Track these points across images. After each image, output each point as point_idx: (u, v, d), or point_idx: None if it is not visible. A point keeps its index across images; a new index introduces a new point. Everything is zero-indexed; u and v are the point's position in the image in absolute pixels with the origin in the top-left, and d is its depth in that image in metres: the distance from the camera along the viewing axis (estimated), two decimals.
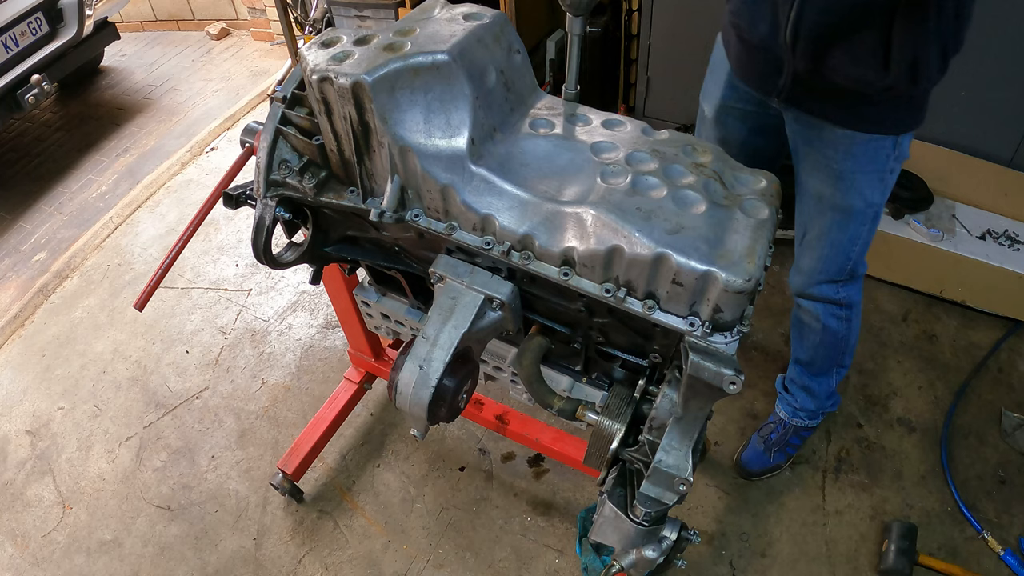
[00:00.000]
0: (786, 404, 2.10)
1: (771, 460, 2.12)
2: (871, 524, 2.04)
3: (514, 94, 1.06)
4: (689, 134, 1.07)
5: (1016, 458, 2.15)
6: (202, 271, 3.13)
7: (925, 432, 2.24)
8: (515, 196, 0.96)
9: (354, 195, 1.09)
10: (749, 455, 2.15)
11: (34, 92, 3.57)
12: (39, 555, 2.21)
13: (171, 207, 3.56)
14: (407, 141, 0.96)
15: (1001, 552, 1.93)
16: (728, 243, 0.87)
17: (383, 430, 2.40)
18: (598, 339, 1.16)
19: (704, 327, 0.89)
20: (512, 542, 2.08)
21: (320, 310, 2.87)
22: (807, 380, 2.02)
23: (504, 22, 1.03)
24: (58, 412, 2.63)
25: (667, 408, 1.02)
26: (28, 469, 2.46)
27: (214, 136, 4.03)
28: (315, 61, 0.97)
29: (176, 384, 2.66)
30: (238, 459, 2.38)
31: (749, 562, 1.99)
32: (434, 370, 0.99)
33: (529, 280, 1.03)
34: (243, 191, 1.27)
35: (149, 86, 4.65)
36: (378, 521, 2.16)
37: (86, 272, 3.25)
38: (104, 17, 4.12)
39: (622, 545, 1.13)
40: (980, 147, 2.58)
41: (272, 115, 1.10)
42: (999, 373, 2.38)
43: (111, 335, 2.90)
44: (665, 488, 1.02)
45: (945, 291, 2.57)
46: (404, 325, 1.52)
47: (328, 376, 2.60)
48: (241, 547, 2.15)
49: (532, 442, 2.00)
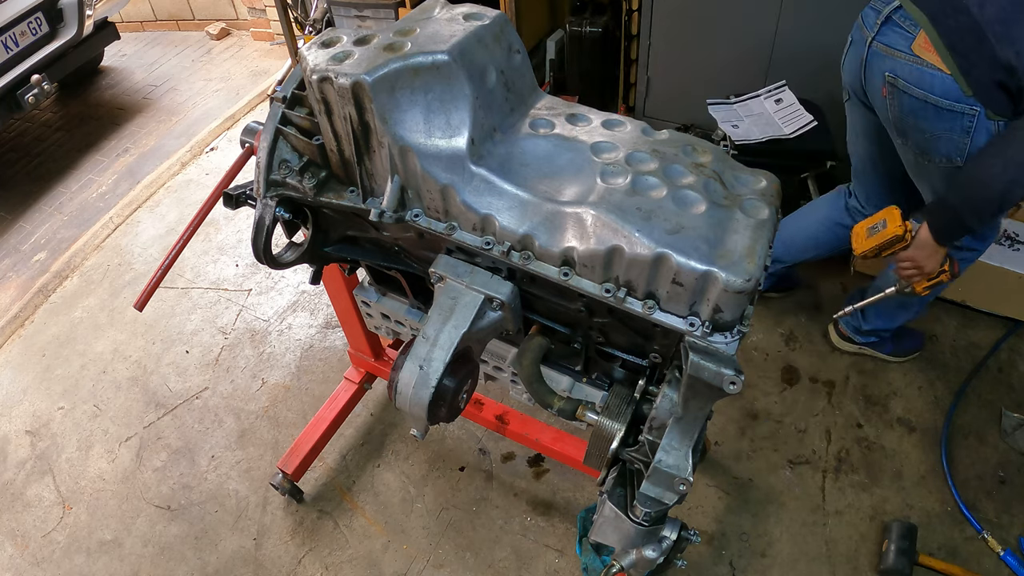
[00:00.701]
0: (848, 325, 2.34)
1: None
2: (871, 524, 2.04)
3: (514, 94, 1.06)
4: (689, 134, 1.07)
5: (1016, 458, 2.15)
6: (202, 271, 3.13)
7: (925, 432, 2.24)
8: (515, 196, 0.96)
9: (354, 195, 1.09)
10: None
11: (34, 92, 3.57)
12: (39, 555, 2.21)
13: (171, 207, 3.56)
14: (407, 141, 0.96)
15: (1001, 552, 1.93)
16: (728, 243, 0.87)
17: (383, 430, 2.40)
18: (598, 339, 1.16)
19: (704, 327, 0.89)
20: (512, 542, 2.08)
21: (320, 310, 2.87)
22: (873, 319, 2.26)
23: (504, 22, 1.03)
24: (58, 412, 2.63)
25: (667, 408, 1.02)
26: (28, 469, 2.46)
27: (214, 136, 4.03)
28: (315, 61, 0.97)
29: (176, 384, 2.66)
30: (238, 459, 2.38)
31: (749, 562, 1.99)
32: (434, 370, 0.99)
33: (529, 280, 1.03)
34: (243, 191, 1.26)
35: (149, 86, 4.65)
36: (378, 521, 2.16)
37: (86, 272, 3.25)
38: (104, 17, 4.11)
39: (622, 545, 1.13)
40: None
41: (272, 115, 1.10)
42: (999, 373, 2.38)
43: (111, 335, 2.90)
44: (665, 488, 1.02)
45: (945, 291, 2.57)
46: (404, 325, 1.52)
47: (328, 376, 2.60)
48: (241, 547, 2.15)
49: (532, 442, 2.00)
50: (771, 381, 2.41)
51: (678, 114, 2.99)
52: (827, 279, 2.71)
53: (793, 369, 2.45)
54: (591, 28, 3.10)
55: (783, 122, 2.50)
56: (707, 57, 2.82)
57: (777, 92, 2.58)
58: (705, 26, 2.76)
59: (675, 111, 3.03)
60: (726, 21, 2.68)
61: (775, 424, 2.30)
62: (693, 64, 2.88)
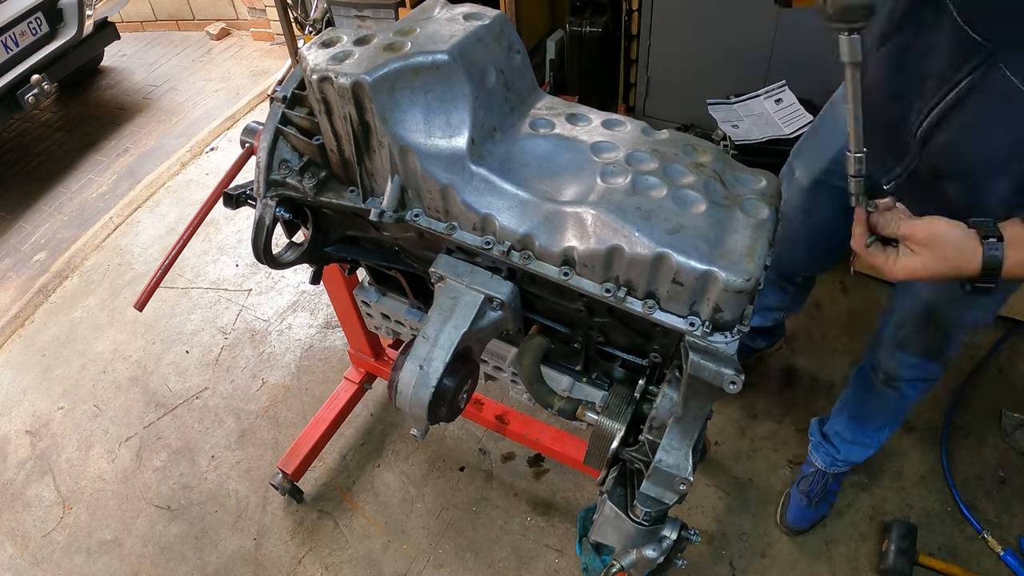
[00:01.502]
0: (824, 454, 1.97)
1: (815, 512, 2.03)
2: (871, 524, 2.04)
3: (514, 94, 1.06)
4: (689, 134, 1.06)
5: (1016, 458, 2.15)
6: (202, 271, 3.13)
7: (925, 432, 2.24)
8: (515, 196, 0.96)
9: (354, 195, 1.09)
10: (794, 513, 2.03)
11: (34, 92, 3.57)
12: (39, 555, 2.21)
13: (171, 207, 3.56)
14: (407, 141, 0.96)
15: (1001, 552, 1.93)
16: (728, 243, 0.87)
17: (383, 430, 2.40)
18: (598, 339, 1.16)
19: (704, 327, 0.89)
20: (512, 542, 2.08)
21: (320, 310, 2.87)
22: (859, 435, 1.89)
23: (504, 22, 1.03)
24: (58, 412, 2.63)
25: (667, 408, 1.02)
26: (28, 469, 2.46)
27: (214, 136, 4.03)
28: (315, 61, 0.97)
29: (176, 384, 2.66)
30: (238, 459, 2.38)
31: (749, 562, 1.99)
32: (434, 370, 0.99)
33: (529, 280, 1.03)
34: (243, 191, 1.26)
35: (149, 86, 4.66)
36: (378, 521, 2.16)
37: (86, 272, 3.25)
38: (104, 17, 4.12)
39: (622, 545, 1.13)
40: None
41: (272, 115, 1.10)
42: (999, 373, 2.38)
43: (111, 335, 2.90)
44: (665, 488, 1.02)
45: None
46: (404, 325, 1.52)
47: (328, 376, 2.60)
48: (241, 547, 2.15)
49: (532, 442, 2.00)
50: (771, 381, 2.41)
51: (678, 114, 2.99)
52: (827, 277, 2.71)
53: (793, 369, 2.45)
54: (591, 28, 3.10)
55: (783, 122, 2.51)
56: (707, 57, 2.82)
57: (777, 92, 2.59)
58: (705, 26, 2.76)
59: (675, 111, 3.03)
60: (726, 21, 2.68)
61: (775, 424, 2.30)
62: (693, 64, 2.88)
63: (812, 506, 2.02)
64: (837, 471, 1.99)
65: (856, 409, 1.86)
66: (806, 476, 2.03)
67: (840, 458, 1.95)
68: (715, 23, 2.72)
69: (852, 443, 1.91)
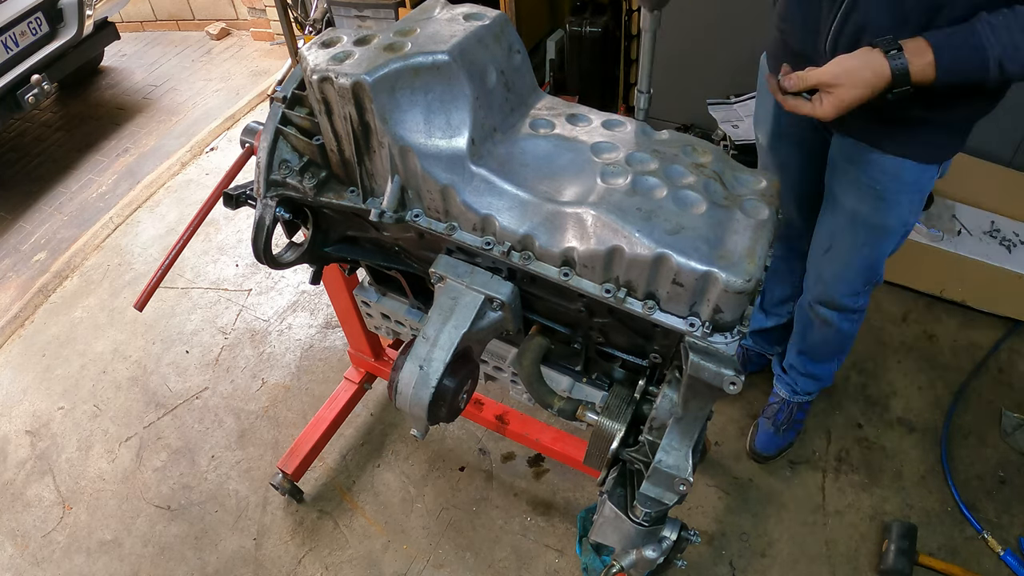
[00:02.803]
0: (785, 385, 2.14)
1: (783, 440, 2.17)
2: (871, 524, 2.04)
3: (514, 94, 1.06)
4: (689, 134, 1.07)
5: (1016, 458, 2.15)
6: (202, 271, 3.12)
7: (925, 432, 2.24)
8: (515, 196, 0.96)
9: (354, 195, 1.09)
10: (762, 439, 2.18)
11: (34, 92, 3.57)
12: (39, 555, 2.21)
13: (171, 207, 3.56)
14: (407, 141, 0.96)
15: (1001, 552, 1.93)
16: (728, 243, 0.87)
17: (383, 430, 2.40)
18: (598, 339, 1.16)
19: (704, 327, 0.89)
20: (512, 542, 2.08)
21: (320, 310, 2.87)
22: (809, 367, 2.06)
23: (504, 22, 1.03)
24: (58, 412, 2.63)
25: (667, 408, 1.02)
26: (28, 469, 2.46)
27: (214, 136, 4.03)
28: (315, 61, 0.97)
29: (176, 384, 2.66)
30: (238, 459, 2.38)
31: (749, 562, 1.99)
32: (434, 370, 0.99)
33: (529, 280, 1.03)
34: (243, 191, 1.26)
35: (149, 86, 4.65)
36: (378, 521, 2.16)
37: (86, 272, 3.25)
38: (104, 17, 4.11)
39: (622, 545, 1.13)
40: (980, 147, 2.58)
41: (272, 115, 1.10)
42: (999, 373, 2.38)
43: (111, 335, 2.90)
44: (665, 488, 1.02)
45: (945, 291, 2.57)
46: (404, 325, 1.52)
47: (328, 376, 2.60)
48: (241, 547, 2.15)
49: (532, 442, 2.00)
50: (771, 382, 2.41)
51: (678, 114, 2.99)
52: None
53: None
54: (591, 28, 3.10)
55: None
56: (707, 57, 2.82)
57: None
58: (705, 26, 2.76)
59: (675, 111, 3.03)
60: (726, 21, 2.68)
61: None
62: (693, 64, 2.88)
63: (779, 433, 2.16)
64: (800, 400, 2.14)
65: (802, 344, 2.02)
66: (772, 404, 2.18)
67: (799, 389, 2.12)
68: (715, 23, 2.72)
69: (806, 376, 2.08)
